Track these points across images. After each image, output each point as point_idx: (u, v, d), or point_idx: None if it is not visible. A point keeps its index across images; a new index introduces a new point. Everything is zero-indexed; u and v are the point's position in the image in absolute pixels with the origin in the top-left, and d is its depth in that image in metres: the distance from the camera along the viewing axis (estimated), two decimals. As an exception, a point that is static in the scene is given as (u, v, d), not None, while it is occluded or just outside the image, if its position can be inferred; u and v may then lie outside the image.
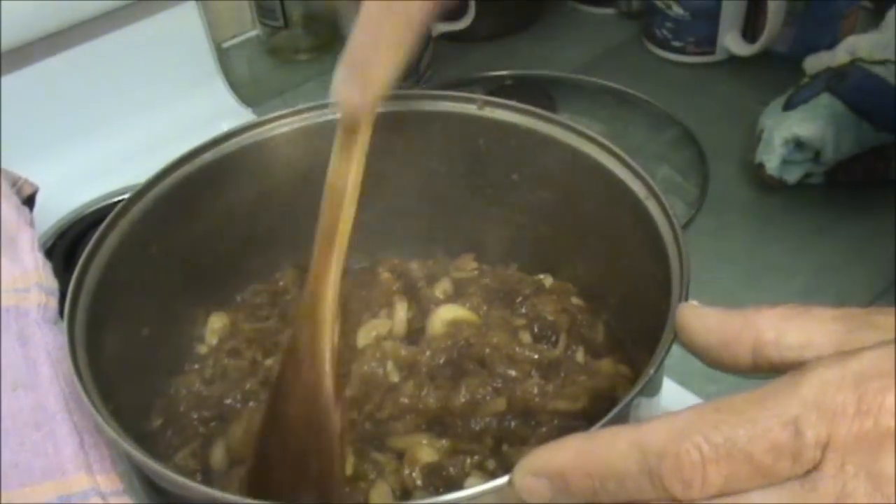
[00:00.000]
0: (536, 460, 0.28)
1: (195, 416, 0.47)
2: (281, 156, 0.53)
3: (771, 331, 0.28)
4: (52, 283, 0.48)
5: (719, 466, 0.25)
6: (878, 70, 0.70)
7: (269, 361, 0.50)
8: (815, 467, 0.24)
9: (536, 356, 0.48)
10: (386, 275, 0.54)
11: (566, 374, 0.47)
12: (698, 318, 0.30)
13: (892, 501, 0.24)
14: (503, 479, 0.30)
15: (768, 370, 0.29)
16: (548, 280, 0.55)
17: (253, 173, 0.53)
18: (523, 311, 0.51)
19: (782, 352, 0.28)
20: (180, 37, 0.80)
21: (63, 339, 0.38)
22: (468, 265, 0.56)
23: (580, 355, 0.50)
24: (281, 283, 0.55)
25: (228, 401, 0.48)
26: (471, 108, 0.52)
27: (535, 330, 0.50)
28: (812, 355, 0.27)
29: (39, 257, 0.49)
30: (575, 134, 0.49)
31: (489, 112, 0.52)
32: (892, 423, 0.24)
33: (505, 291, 0.53)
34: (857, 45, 0.75)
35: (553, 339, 0.50)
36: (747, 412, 0.25)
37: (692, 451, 0.25)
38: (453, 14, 0.85)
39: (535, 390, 0.45)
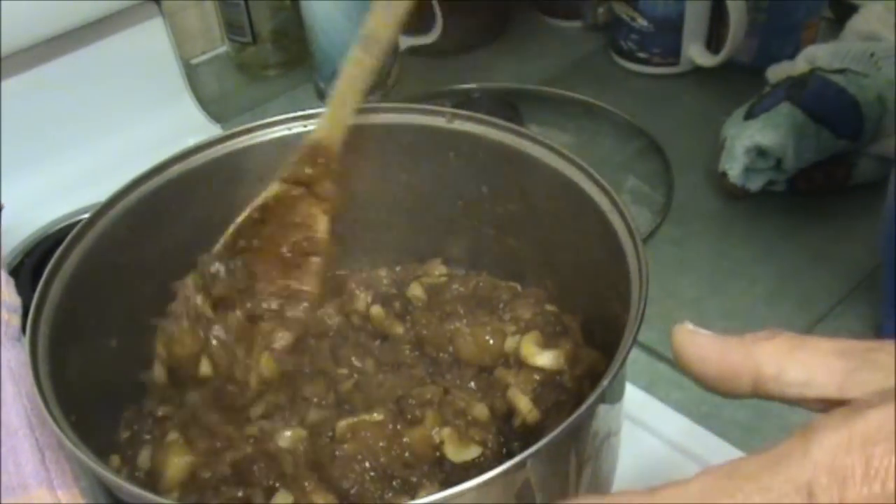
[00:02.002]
0: None
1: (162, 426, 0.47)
2: (249, 168, 0.53)
3: (772, 366, 0.28)
4: (15, 300, 0.48)
5: None
6: (836, 79, 0.71)
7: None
8: None
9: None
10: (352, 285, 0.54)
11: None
12: (696, 346, 0.30)
13: None
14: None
15: (767, 399, 0.29)
16: (517, 288, 0.55)
17: (221, 186, 0.53)
18: (507, 317, 0.52)
19: (783, 388, 0.28)
20: (147, 54, 0.80)
21: (25, 355, 0.38)
22: (437, 270, 0.56)
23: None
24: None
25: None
26: (440, 121, 0.53)
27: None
28: (814, 395, 0.28)
29: (3, 275, 0.49)
30: (542, 147, 0.50)
31: (458, 125, 0.52)
32: None
33: (481, 297, 0.53)
34: (817, 55, 0.77)
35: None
36: (761, 479, 0.25)
37: None
38: (421, 28, 0.86)
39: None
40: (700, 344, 0.30)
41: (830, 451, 0.25)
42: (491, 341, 0.49)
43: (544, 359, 0.46)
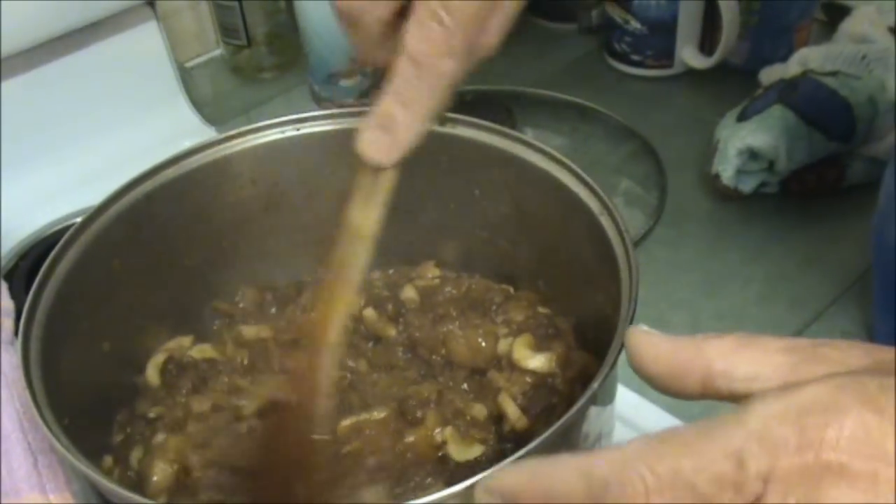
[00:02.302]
0: (494, 480, 0.29)
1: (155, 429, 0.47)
2: (243, 172, 0.54)
3: (721, 362, 0.29)
4: (8, 304, 0.48)
5: (663, 496, 0.25)
6: (828, 81, 0.72)
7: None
8: (758, 499, 0.25)
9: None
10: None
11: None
12: (648, 346, 0.30)
13: None
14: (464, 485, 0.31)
15: (717, 399, 0.29)
16: (510, 291, 0.55)
17: (215, 190, 0.53)
18: (500, 319, 0.52)
19: (731, 384, 0.28)
20: (142, 56, 0.80)
21: (17, 359, 0.38)
22: (429, 272, 0.56)
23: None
24: (241, 306, 0.55)
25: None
26: (433, 125, 0.53)
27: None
28: (759, 388, 0.28)
29: (-3, 278, 0.49)
30: (534, 151, 0.50)
31: (451, 129, 0.52)
32: (832, 458, 0.24)
33: (474, 299, 0.53)
34: (809, 57, 0.77)
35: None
36: (693, 444, 0.26)
37: (636, 480, 0.25)
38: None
39: None
40: (653, 343, 0.30)
41: (764, 420, 0.25)
42: (483, 343, 0.49)
43: (536, 362, 0.46)
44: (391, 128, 0.37)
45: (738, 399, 0.28)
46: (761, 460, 0.24)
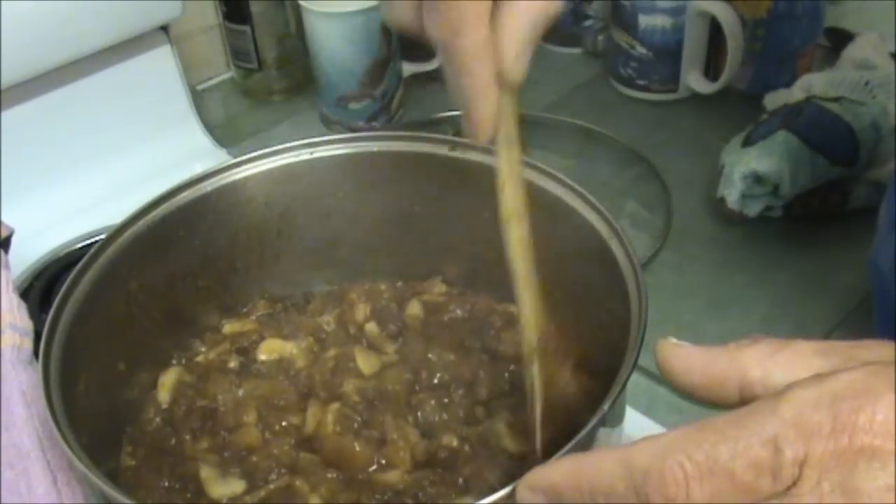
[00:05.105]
0: (534, 476, 0.30)
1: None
2: (257, 195, 0.55)
3: (757, 369, 0.29)
4: (27, 323, 0.49)
5: (702, 483, 0.26)
6: (832, 107, 0.73)
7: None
8: (794, 484, 0.25)
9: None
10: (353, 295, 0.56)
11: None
12: (680, 358, 0.31)
13: None
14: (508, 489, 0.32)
15: None
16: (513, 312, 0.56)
17: (229, 213, 0.54)
18: (499, 348, 0.53)
19: (769, 391, 0.28)
20: (155, 79, 0.81)
21: (37, 379, 0.39)
22: (436, 288, 0.57)
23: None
24: (250, 322, 0.56)
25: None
26: (443, 150, 0.54)
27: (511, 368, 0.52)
28: None
29: (14, 298, 0.50)
30: (542, 174, 0.51)
31: (460, 153, 0.54)
32: (866, 441, 0.25)
33: (476, 320, 0.54)
34: (813, 83, 0.78)
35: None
36: (729, 431, 0.26)
37: (675, 468, 0.26)
38: (423, 56, 0.87)
39: None
40: (685, 355, 0.31)
41: (798, 407, 0.25)
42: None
43: (515, 446, 0.46)
44: (468, 115, 0.37)
45: None
46: (797, 446, 0.25)
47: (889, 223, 0.55)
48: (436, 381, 0.51)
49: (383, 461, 0.46)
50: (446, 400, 0.49)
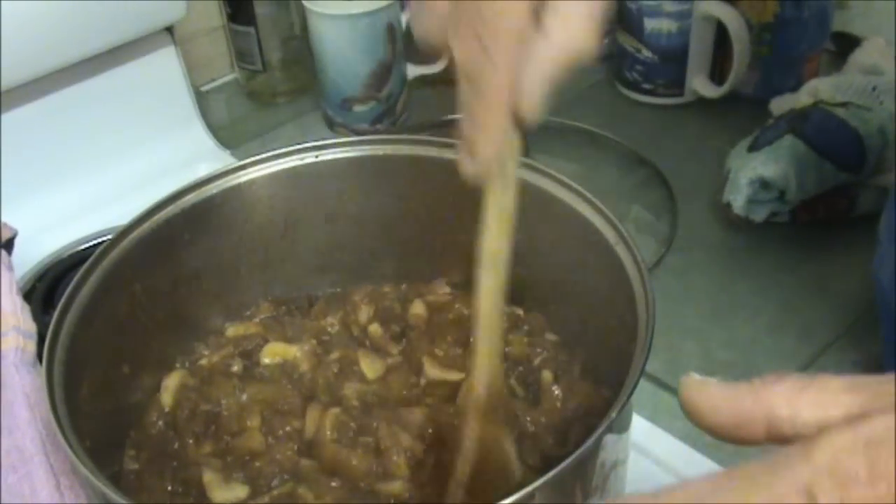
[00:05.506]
0: None
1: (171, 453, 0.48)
2: (262, 198, 0.54)
3: (784, 408, 0.28)
4: (31, 326, 0.49)
5: None
6: (838, 112, 0.72)
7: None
8: None
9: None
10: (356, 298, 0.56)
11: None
12: (704, 398, 0.29)
13: None
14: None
15: (783, 443, 0.28)
16: (519, 314, 0.56)
17: (234, 215, 0.54)
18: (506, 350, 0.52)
19: (798, 429, 0.27)
20: (160, 81, 0.81)
21: (41, 381, 0.39)
22: (441, 289, 0.57)
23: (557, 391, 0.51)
24: (253, 325, 0.56)
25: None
26: (448, 153, 0.54)
27: (519, 370, 0.51)
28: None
29: (18, 301, 0.50)
30: (549, 179, 0.50)
31: (465, 156, 0.53)
32: None
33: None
34: (819, 88, 0.78)
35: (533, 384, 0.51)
36: (761, 480, 0.25)
37: None
38: (428, 58, 0.87)
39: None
40: (709, 394, 0.29)
41: (833, 453, 0.25)
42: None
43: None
44: (470, 147, 0.37)
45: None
46: (833, 494, 0.24)
47: (889, 236, 0.54)
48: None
49: (381, 470, 0.45)
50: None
